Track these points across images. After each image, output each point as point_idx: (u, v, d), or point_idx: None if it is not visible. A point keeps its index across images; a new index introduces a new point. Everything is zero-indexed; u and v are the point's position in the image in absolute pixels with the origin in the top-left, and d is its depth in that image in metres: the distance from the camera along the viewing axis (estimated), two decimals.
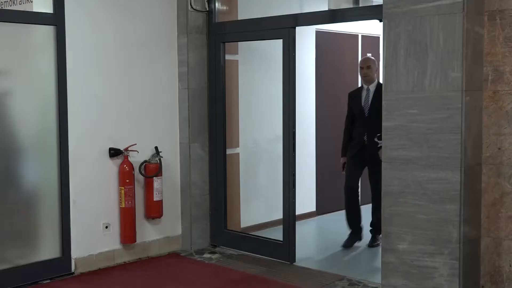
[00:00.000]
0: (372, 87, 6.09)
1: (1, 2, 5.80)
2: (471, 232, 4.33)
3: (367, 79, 6.16)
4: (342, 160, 6.34)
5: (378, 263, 4.72)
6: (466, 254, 4.28)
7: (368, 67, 6.12)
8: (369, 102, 6.05)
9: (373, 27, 7.47)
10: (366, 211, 7.99)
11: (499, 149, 4.29)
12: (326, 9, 6.59)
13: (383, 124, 4.59)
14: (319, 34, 7.37)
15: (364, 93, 6.15)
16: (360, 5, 7.15)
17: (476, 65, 4.27)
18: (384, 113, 4.58)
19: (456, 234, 4.24)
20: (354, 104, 6.22)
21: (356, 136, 6.22)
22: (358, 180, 6.52)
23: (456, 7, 4.13)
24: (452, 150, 4.20)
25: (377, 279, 4.80)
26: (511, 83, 4.22)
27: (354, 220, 6.42)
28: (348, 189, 6.42)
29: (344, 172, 6.35)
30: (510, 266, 4.31)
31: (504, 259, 4.34)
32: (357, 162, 6.26)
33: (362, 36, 8.05)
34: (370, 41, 8.14)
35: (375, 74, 6.23)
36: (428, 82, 4.30)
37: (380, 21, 4.60)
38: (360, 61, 6.50)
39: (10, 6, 5.68)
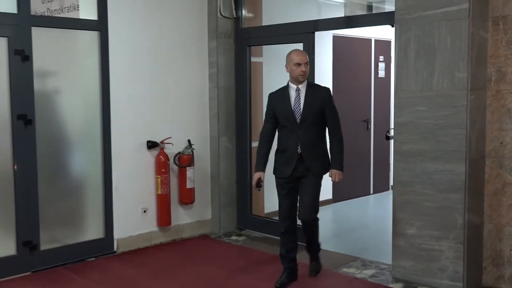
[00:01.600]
0: (303, 87, 4.37)
1: (51, 10, 5.88)
2: (474, 219, 4.30)
3: (304, 78, 4.35)
4: (257, 175, 4.41)
5: (389, 246, 4.70)
6: (470, 238, 4.26)
7: (306, 64, 4.31)
8: (301, 105, 4.32)
9: (385, 32, 7.40)
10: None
11: (501, 143, 4.25)
12: (343, 15, 6.58)
13: (395, 120, 4.57)
14: (336, 39, 7.33)
15: (293, 95, 4.36)
16: (374, 12, 7.12)
17: (481, 67, 4.23)
18: (395, 110, 4.57)
19: (461, 220, 4.22)
20: (280, 108, 4.38)
21: (286, 149, 4.38)
22: (297, 207, 4.50)
23: (462, 13, 4.09)
24: (457, 144, 4.17)
25: (388, 260, 4.79)
26: None
27: (292, 259, 4.50)
28: (287, 221, 4.43)
29: (258, 190, 4.57)
30: (511, 250, 4.27)
31: (505, 244, 4.30)
32: (292, 183, 4.39)
33: (375, 40, 7.98)
34: (382, 45, 8.08)
35: None
36: (436, 82, 4.27)
37: (392, 26, 4.57)
38: (296, 56, 4.34)
39: (59, 13, 5.74)
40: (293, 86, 4.39)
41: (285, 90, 4.44)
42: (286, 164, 4.36)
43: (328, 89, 4.49)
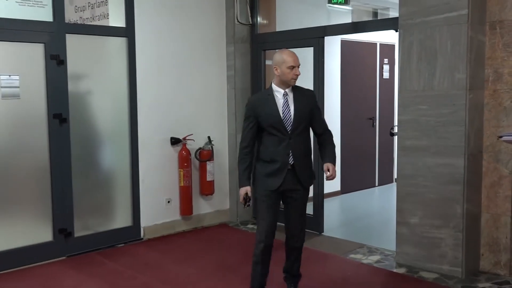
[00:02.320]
0: (290, 91, 3.59)
1: (84, 18, 5.92)
2: (473, 209, 4.26)
3: (295, 83, 3.62)
4: (244, 190, 3.58)
5: (393, 234, 4.68)
6: (468, 227, 4.23)
7: (299, 66, 3.59)
8: (291, 111, 3.53)
9: (390, 36, 7.36)
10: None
11: (498, 139, 4.20)
12: (350, 21, 6.54)
13: (399, 117, 4.54)
14: (343, 43, 7.29)
15: (280, 100, 3.56)
16: (379, 18, 7.07)
17: (479, 68, 4.19)
18: (399, 108, 4.54)
19: (460, 210, 4.19)
20: (267, 115, 3.53)
21: (274, 160, 3.55)
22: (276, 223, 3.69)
23: (462, 19, 4.05)
24: (457, 140, 4.14)
25: (392, 247, 4.77)
26: (509, 83, 4.13)
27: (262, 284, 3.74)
28: (269, 238, 3.66)
29: (248, 206, 3.65)
30: (506, 238, 4.23)
31: (501, 232, 4.27)
32: (277, 197, 3.64)
33: (380, 44, 7.93)
34: (386, 48, 8.02)
35: None
36: (437, 82, 4.24)
37: (396, 31, 4.54)
38: (290, 57, 3.55)
39: (91, 21, 5.78)
40: (279, 90, 3.58)
41: (269, 94, 3.60)
42: (273, 176, 3.56)
43: (313, 91, 3.88)
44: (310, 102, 3.66)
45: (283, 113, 3.54)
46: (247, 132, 3.61)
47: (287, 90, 3.60)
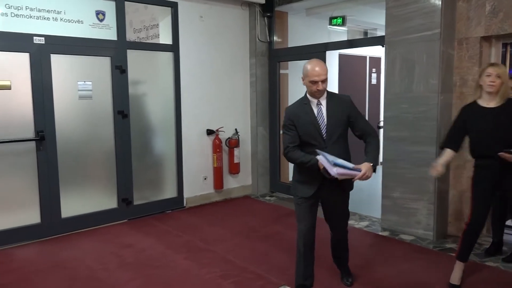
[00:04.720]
0: (323, 100, 2.84)
1: (140, 38, 5.93)
2: (442, 186, 4.21)
3: (321, 95, 2.83)
4: (320, 165, 2.73)
5: (379, 205, 4.63)
6: (439, 200, 4.19)
7: (324, 81, 2.79)
8: (325, 120, 2.79)
9: (377, 51, 7.23)
10: None
11: None
12: (346, 39, 6.44)
13: (384, 114, 4.47)
14: (341, 56, 7.19)
15: (315, 109, 2.83)
16: (369, 36, 6.95)
17: (448, 75, 4.10)
18: (384, 107, 4.47)
19: (432, 187, 4.13)
20: (304, 124, 2.79)
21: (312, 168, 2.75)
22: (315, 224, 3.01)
23: (435, 36, 3.97)
24: (430, 132, 4.08)
25: (378, 215, 4.73)
26: (473, 87, 4.01)
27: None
28: (306, 243, 2.96)
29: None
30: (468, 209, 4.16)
31: (464, 205, 4.19)
32: (315, 201, 2.94)
33: (370, 57, 7.81)
34: (374, 60, 7.89)
35: None
36: (414, 87, 4.17)
37: (383, 46, 4.46)
38: (313, 71, 2.77)
39: (146, 40, 5.79)
40: (313, 100, 2.83)
41: (306, 104, 2.83)
42: (309, 184, 2.85)
43: (349, 97, 2.95)
44: (345, 109, 2.84)
45: (319, 122, 2.78)
46: (290, 136, 2.80)
47: (320, 99, 2.82)
